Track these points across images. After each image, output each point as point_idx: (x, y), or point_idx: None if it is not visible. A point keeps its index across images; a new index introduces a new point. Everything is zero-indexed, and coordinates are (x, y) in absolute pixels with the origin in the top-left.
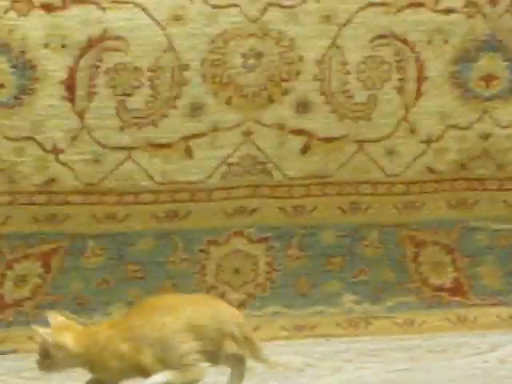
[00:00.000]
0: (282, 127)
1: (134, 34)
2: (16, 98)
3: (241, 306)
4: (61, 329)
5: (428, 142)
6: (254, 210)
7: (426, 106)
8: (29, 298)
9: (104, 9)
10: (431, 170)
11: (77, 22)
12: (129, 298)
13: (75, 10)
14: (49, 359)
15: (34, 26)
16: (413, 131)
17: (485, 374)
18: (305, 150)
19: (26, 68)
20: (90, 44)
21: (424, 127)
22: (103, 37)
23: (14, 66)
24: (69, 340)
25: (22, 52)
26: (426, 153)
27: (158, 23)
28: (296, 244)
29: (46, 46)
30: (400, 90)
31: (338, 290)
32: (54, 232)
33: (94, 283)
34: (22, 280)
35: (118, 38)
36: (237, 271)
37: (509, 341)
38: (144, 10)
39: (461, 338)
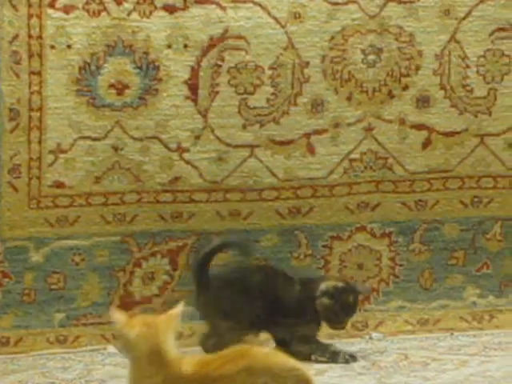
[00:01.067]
0: (402, 122)
1: (254, 32)
2: (140, 98)
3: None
4: None
5: None
6: (376, 206)
7: None
8: (157, 295)
9: (224, 8)
10: None
11: (198, 22)
12: None
13: (196, 11)
14: None
15: (156, 27)
16: None
17: None
18: (426, 144)
19: (149, 69)
20: (212, 43)
21: None
22: (224, 36)
23: (138, 67)
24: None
25: (146, 53)
26: None
27: (278, 21)
28: (418, 238)
29: (169, 46)
30: None
31: (462, 284)
32: (180, 229)
33: None
34: (149, 277)
35: (238, 36)
36: (360, 266)
37: None
38: (263, 8)
39: None
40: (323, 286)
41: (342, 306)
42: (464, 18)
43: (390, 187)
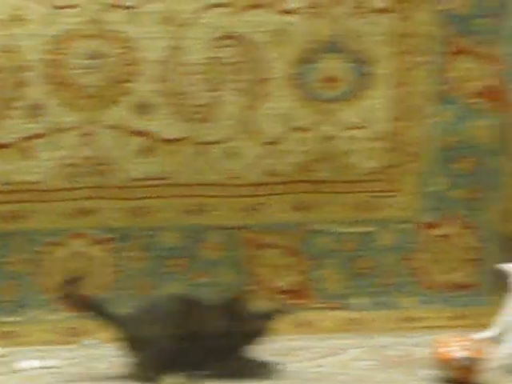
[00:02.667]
0: (123, 128)
1: None
2: None
3: None
4: None
5: (269, 143)
6: (94, 211)
7: (270, 107)
8: None
9: None
10: (272, 173)
11: None
12: None
13: None
14: None
15: None
16: (254, 133)
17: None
18: (146, 151)
19: None
20: None
21: (265, 129)
22: None
23: None
24: None
25: None
26: (268, 155)
27: None
28: (137, 245)
29: None
30: (242, 91)
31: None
32: None
33: None
34: None
35: None
36: (78, 272)
37: (349, 344)
38: None
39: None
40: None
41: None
42: (186, 25)
43: (110, 193)
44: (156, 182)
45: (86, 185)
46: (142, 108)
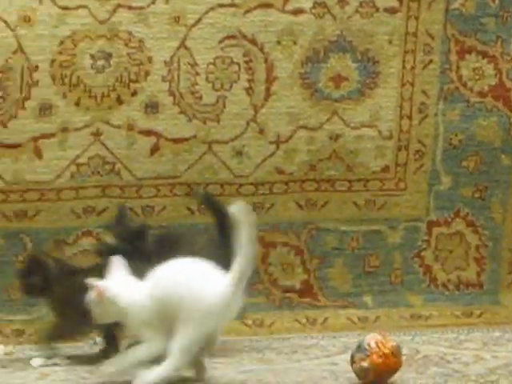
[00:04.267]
0: (130, 128)
1: None
2: None
3: None
4: None
5: (277, 142)
6: (103, 210)
7: (275, 106)
8: None
9: None
10: (280, 171)
11: None
12: None
13: None
14: None
15: None
16: (261, 132)
17: (333, 376)
18: (154, 150)
19: None
20: None
21: (273, 128)
22: None
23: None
24: None
25: None
26: (275, 154)
27: (8, 25)
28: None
29: None
30: (249, 90)
31: None
32: None
33: None
34: None
35: None
36: None
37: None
38: None
39: (310, 340)
40: None
41: None
42: (194, 25)
43: (117, 192)
44: (164, 182)
45: (94, 184)
46: (151, 108)
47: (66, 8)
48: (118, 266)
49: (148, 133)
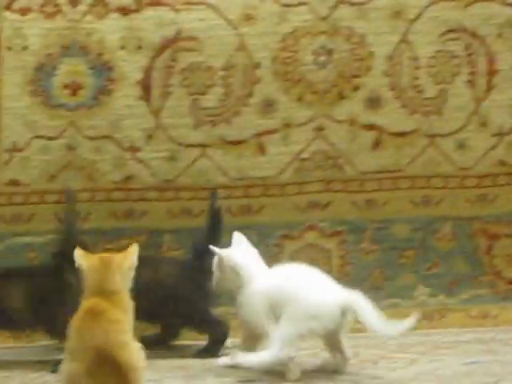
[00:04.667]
0: (353, 122)
1: (206, 34)
2: (94, 98)
3: None
4: None
5: (499, 134)
6: (326, 204)
7: (497, 99)
8: None
9: (177, 10)
10: (503, 163)
11: (151, 24)
12: None
13: (149, 13)
14: None
15: (110, 29)
16: (484, 124)
17: None
18: (376, 144)
19: (103, 69)
20: (165, 45)
21: (495, 120)
22: (177, 37)
23: (92, 68)
24: None
25: (100, 54)
26: (498, 146)
27: (230, 23)
28: (368, 237)
29: (123, 47)
30: (470, 83)
31: (412, 283)
32: (132, 227)
33: None
34: None
35: (191, 38)
36: (311, 265)
37: None
38: (216, 10)
39: None
40: None
41: None
42: (415, 20)
43: (340, 187)
44: (387, 175)
45: (318, 178)
46: (373, 102)
47: (287, 5)
48: (239, 240)
49: (370, 127)
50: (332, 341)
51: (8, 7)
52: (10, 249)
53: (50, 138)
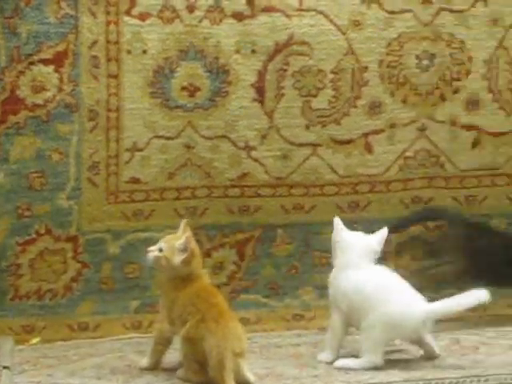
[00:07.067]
0: (453, 123)
1: (317, 38)
2: (211, 100)
3: None
4: None
5: None
6: (429, 200)
7: None
8: (225, 284)
9: (290, 16)
10: None
11: (265, 29)
12: (316, 282)
13: (263, 18)
14: None
15: (226, 34)
16: None
17: None
18: (475, 143)
19: (219, 72)
20: (278, 49)
21: None
22: (289, 42)
23: (209, 71)
24: None
25: (216, 58)
26: None
27: (339, 28)
28: None
29: (238, 51)
30: None
31: None
32: (247, 222)
33: (284, 269)
34: (218, 267)
35: (302, 42)
36: (413, 258)
37: None
38: (326, 16)
39: None
40: None
41: None
42: (511, 27)
43: (442, 183)
44: (485, 173)
45: (421, 175)
46: (472, 104)
47: (392, 12)
48: (340, 226)
49: (469, 127)
50: (417, 340)
51: (128, 12)
52: (131, 244)
53: (169, 138)
